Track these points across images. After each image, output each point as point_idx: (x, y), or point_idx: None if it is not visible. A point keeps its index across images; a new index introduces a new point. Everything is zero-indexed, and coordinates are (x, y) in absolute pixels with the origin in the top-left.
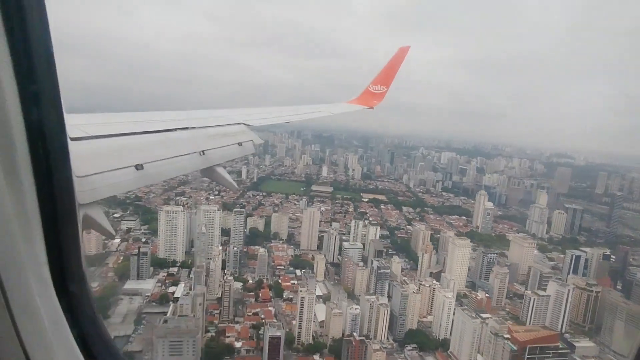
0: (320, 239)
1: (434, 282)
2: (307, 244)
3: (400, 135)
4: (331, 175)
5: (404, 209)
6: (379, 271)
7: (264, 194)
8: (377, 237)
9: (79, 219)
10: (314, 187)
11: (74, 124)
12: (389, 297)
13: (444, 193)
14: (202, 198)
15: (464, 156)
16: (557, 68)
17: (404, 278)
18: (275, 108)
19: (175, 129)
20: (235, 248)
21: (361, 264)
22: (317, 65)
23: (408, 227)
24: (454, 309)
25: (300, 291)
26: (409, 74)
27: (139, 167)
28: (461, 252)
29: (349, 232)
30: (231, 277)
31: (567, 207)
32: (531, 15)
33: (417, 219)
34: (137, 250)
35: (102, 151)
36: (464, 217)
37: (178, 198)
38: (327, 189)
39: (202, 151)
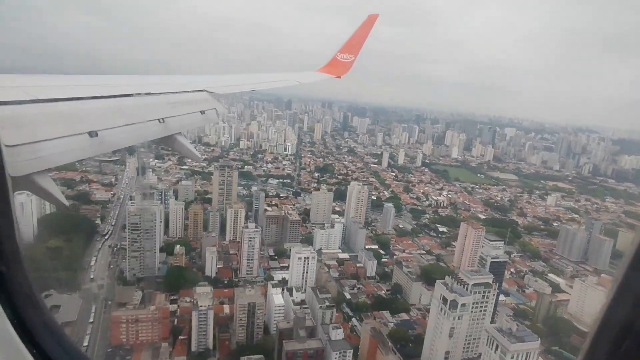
0: None
1: None
2: None
3: (411, 109)
4: (460, 157)
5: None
6: None
7: (479, 186)
8: None
9: (10, 191)
10: (499, 176)
11: (20, 85)
12: None
13: (602, 178)
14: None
15: (520, 131)
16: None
17: None
18: (240, 75)
19: (132, 94)
20: None
21: None
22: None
23: None
24: None
25: None
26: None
27: (92, 134)
28: None
29: None
30: None
31: None
32: None
33: None
34: None
35: (52, 116)
36: None
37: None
38: (510, 176)
39: (162, 119)
